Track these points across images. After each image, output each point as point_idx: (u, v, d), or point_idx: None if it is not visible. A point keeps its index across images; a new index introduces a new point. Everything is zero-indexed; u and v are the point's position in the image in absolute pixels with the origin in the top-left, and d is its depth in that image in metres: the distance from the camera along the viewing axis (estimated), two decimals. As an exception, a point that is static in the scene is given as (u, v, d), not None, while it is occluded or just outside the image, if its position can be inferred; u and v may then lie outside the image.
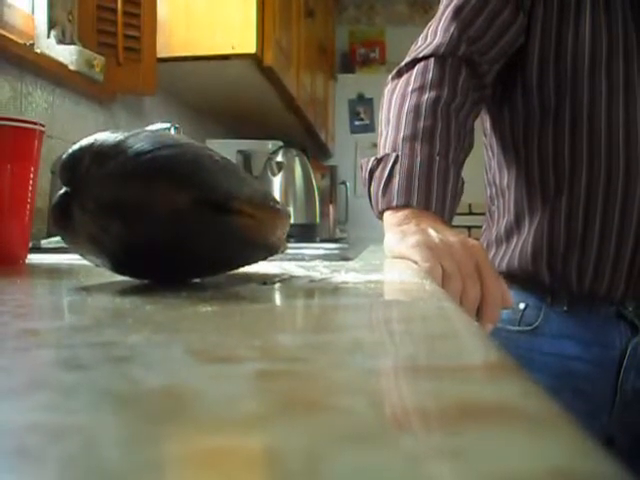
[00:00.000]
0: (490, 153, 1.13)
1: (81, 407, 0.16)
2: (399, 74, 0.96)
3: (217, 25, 2.01)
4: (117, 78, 1.79)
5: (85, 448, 0.13)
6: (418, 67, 0.93)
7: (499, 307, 0.71)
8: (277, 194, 2.33)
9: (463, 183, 0.87)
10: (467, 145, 0.91)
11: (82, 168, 0.49)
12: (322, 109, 3.72)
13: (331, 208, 3.38)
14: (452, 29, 0.96)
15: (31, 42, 1.55)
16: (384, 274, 0.64)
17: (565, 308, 1.03)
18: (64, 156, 0.52)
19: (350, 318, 0.36)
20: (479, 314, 0.70)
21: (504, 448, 0.13)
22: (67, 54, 1.61)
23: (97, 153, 0.49)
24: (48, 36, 1.63)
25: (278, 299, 0.46)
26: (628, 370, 1.01)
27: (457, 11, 0.97)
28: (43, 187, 1.38)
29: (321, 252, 1.18)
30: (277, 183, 2.35)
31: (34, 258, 0.86)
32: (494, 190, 1.12)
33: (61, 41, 1.65)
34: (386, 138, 0.87)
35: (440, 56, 0.93)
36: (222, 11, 2.01)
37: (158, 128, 1.51)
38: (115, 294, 0.46)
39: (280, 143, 2.49)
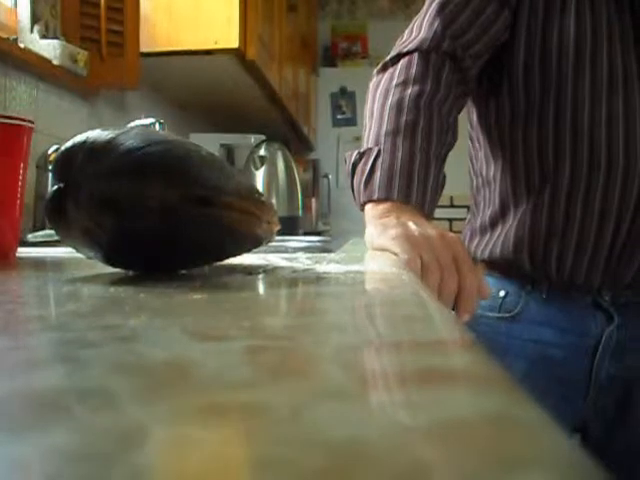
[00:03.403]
0: (477, 144, 1.15)
1: (98, 375, 0.19)
2: (384, 68, 0.98)
3: (200, 20, 2.02)
4: (100, 73, 1.80)
5: (107, 404, 0.16)
6: (402, 62, 0.95)
7: (475, 298, 0.73)
8: (260, 188, 2.35)
9: (445, 177, 0.90)
10: (450, 139, 0.93)
11: (75, 165, 0.51)
12: (304, 103, 3.74)
13: (313, 201, 3.41)
14: (436, 24, 0.97)
15: (14, 37, 1.56)
16: (364, 265, 0.67)
17: (544, 296, 1.07)
18: (58, 153, 0.54)
19: (330, 304, 0.38)
20: (456, 304, 0.73)
21: (451, 401, 0.16)
22: (51, 49, 1.63)
23: (90, 150, 0.52)
24: (31, 31, 1.64)
25: (263, 288, 0.49)
26: (603, 357, 1.05)
27: (442, 6, 0.99)
28: (28, 182, 1.39)
29: (304, 244, 1.21)
30: (260, 177, 2.37)
31: (21, 251, 0.88)
32: (480, 180, 1.14)
33: (44, 36, 1.66)
34: (369, 132, 0.89)
35: (424, 51, 0.95)
36: (205, 6, 2.03)
37: (142, 123, 1.53)
38: (109, 284, 0.48)
39: (263, 137, 2.51)
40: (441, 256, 0.72)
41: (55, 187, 0.53)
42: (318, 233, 2.69)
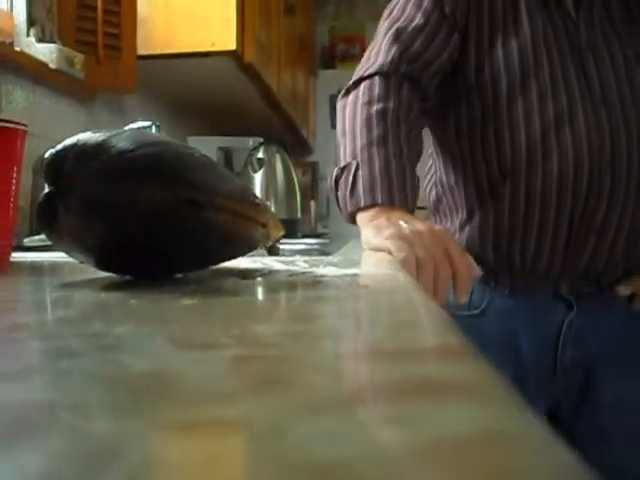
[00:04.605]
0: (434, 155, 1.25)
1: (75, 387, 0.18)
2: (347, 92, 1.08)
3: (197, 22, 2.01)
4: (97, 76, 1.79)
5: (80, 420, 0.15)
6: (364, 84, 1.04)
7: (469, 280, 0.83)
8: (258, 190, 2.34)
9: (418, 179, 0.98)
10: (418, 147, 1.03)
11: (66, 168, 0.50)
12: (303, 105, 3.73)
13: (312, 204, 3.40)
14: (393, 50, 1.07)
15: (10, 40, 1.55)
16: (361, 268, 0.66)
17: (507, 291, 1.16)
18: (48, 156, 0.53)
19: (324, 309, 0.37)
20: (453, 289, 0.82)
21: (448, 415, 0.15)
22: (47, 52, 1.62)
23: (80, 152, 0.51)
24: (27, 34, 1.63)
25: (258, 292, 0.48)
26: (565, 343, 1.15)
27: (397, 34, 1.09)
28: (24, 186, 1.38)
29: (302, 247, 1.20)
30: (258, 179, 2.36)
31: (17, 256, 0.87)
32: (441, 189, 1.24)
33: (41, 39, 1.65)
34: (345, 149, 0.99)
35: (384, 73, 1.04)
36: (202, 8, 2.02)
37: (139, 126, 1.52)
38: (100, 289, 0.48)
39: (261, 139, 2.50)
40: (433, 250, 0.80)
41: (45, 191, 0.52)
42: (317, 236, 2.67)
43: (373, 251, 0.83)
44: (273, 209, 2.27)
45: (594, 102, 1.09)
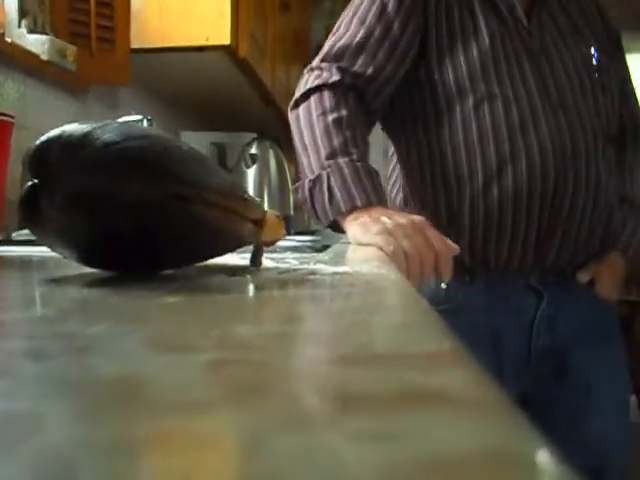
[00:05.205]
0: (399, 161, 1.29)
1: (36, 394, 0.17)
2: (296, 105, 1.14)
3: (191, 16, 2.00)
4: (90, 68, 1.78)
5: (35, 431, 0.14)
6: (314, 96, 1.11)
7: (451, 260, 0.92)
8: (251, 186, 2.33)
9: (378, 173, 1.06)
10: (367, 152, 1.09)
11: (50, 160, 0.49)
12: (298, 101, 3.70)
13: (306, 200, 3.37)
14: (336, 67, 1.13)
15: (1, 31, 1.53)
16: (350, 264, 0.65)
17: (481, 285, 1.22)
18: (32, 148, 0.51)
19: (312, 308, 0.36)
20: (437, 271, 0.91)
21: (440, 430, 0.14)
22: (39, 44, 1.60)
23: (65, 144, 0.49)
24: (19, 25, 1.62)
25: (245, 290, 0.47)
26: (538, 331, 1.22)
27: (341, 52, 1.15)
28: (14, 179, 1.36)
29: (293, 244, 1.19)
30: (251, 175, 2.35)
31: (4, 250, 0.85)
32: (409, 194, 1.28)
33: (32, 30, 1.64)
34: (310, 160, 1.06)
35: (329, 85, 1.11)
36: (196, 2, 2.00)
37: (131, 119, 1.51)
38: (83, 286, 0.46)
39: (254, 135, 2.49)
40: (416, 239, 0.89)
41: (29, 183, 0.50)
42: (310, 233, 2.66)
43: (361, 245, 0.91)
44: (266, 205, 2.25)
45: (553, 106, 1.16)
